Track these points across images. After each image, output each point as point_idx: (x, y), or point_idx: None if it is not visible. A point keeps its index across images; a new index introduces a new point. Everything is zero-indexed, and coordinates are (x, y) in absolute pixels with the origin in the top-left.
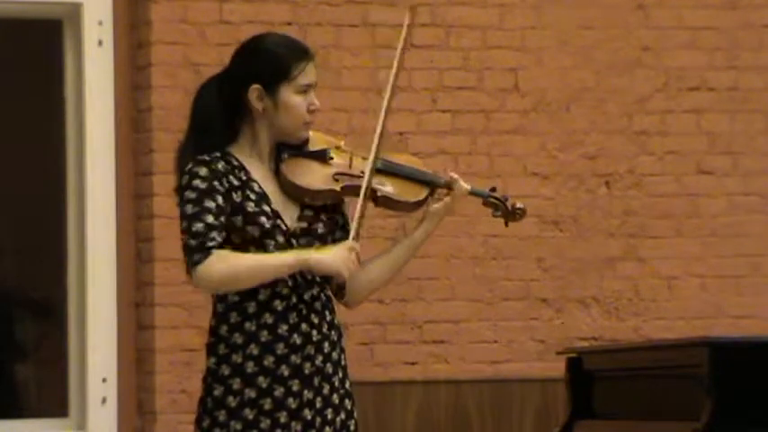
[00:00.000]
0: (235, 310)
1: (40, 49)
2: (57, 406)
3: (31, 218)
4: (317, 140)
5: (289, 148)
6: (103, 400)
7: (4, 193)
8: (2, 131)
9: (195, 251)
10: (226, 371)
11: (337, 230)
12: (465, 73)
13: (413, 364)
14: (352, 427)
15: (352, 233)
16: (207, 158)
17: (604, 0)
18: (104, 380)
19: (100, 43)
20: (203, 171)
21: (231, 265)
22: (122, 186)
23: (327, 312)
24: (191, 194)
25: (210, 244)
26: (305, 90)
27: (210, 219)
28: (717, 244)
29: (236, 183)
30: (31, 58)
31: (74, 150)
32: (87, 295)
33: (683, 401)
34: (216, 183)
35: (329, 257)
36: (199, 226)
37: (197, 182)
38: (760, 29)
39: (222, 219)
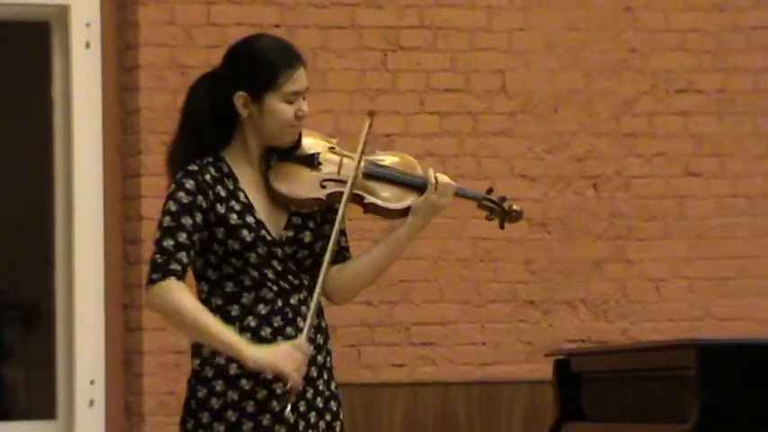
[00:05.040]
0: (218, 313)
1: (28, 51)
2: (44, 408)
3: (18, 220)
4: (309, 141)
5: (277, 152)
6: (91, 403)
7: None
8: None
9: (157, 269)
10: (209, 372)
11: (322, 240)
12: (452, 75)
13: (400, 365)
14: (337, 429)
15: (303, 334)
16: (196, 169)
17: (592, 2)
18: (92, 382)
19: (87, 45)
20: (189, 184)
21: (178, 304)
22: (110, 188)
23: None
24: (172, 206)
25: (174, 267)
26: (293, 98)
27: (183, 237)
28: (704, 246)
29: (222, 193)
30: (18, 59)
31: (61, 152)
32: (75, 297)
33: (670, 403)
34: (200, 197)
35: (269, 355)
36: (170, 243)
37: (181, 194)
38: (747, 31)
39: (196, 237)
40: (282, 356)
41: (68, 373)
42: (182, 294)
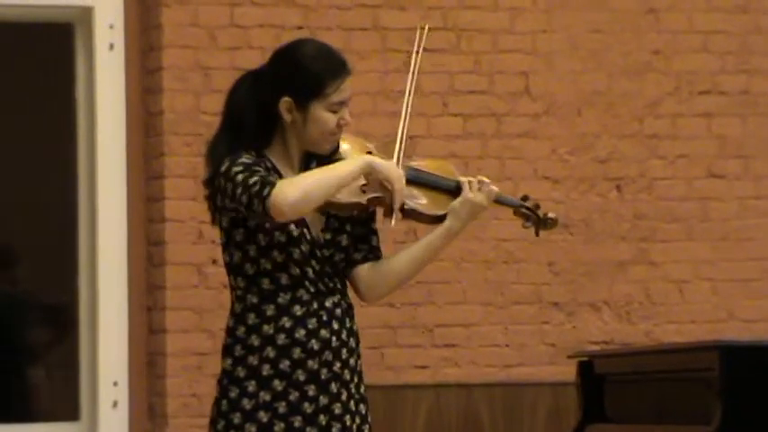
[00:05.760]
0: (253, 311)
1: (52, 53)
2: (68, 410)
3: (42, 222)
4: (347, 146)
5: (317, 157)
6: (114, 404)
7: (16, 198)
8: (13, 135)
9: (261, 189)
10: (241, 373)
11: (359, 244)
12: (476, 77)
13: (424, 367)
14: None
15: (394, 158)
16: (246, 153)
17: (615, 4)
18: (115, 383)
19: (111, 47)
20: (248, 155)
21: (299, 185)
22: (133, 190)
23: (348, 320)
24: (238, 168)
25: (272, 179)
26: (337, 107)
27: (263, 173)
28: (728, 247)
29: None
30: (42, 61)
31: (85, 154)
32: (98, 299)
33: (693, 405)
34: (261, 163)
35: (392, 165)
36: (254, 178)
37: (242, 159)
38: None
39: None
40: (398, 174)
41: (92, 375)
42: (291, 183)
